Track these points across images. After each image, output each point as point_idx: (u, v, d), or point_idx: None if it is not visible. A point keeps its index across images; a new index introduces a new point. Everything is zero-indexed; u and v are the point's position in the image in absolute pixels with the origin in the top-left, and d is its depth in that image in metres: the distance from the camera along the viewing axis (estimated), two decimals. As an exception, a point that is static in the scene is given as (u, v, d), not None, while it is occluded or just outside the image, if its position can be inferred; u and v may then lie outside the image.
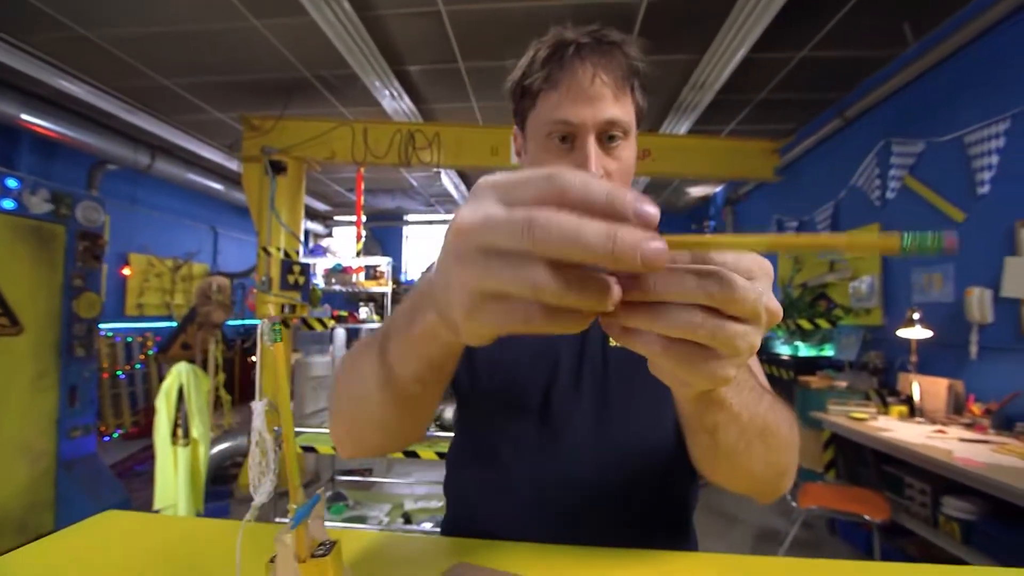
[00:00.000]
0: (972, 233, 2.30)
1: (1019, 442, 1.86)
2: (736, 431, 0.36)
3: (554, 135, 0.54)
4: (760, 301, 0.24)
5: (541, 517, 0.53)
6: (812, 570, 0.46)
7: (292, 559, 0.27)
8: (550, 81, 0.54)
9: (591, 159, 0.52)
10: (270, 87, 3.36)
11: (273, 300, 3.06)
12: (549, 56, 0.54)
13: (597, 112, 0.52)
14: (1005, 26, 2.10)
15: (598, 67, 0.52)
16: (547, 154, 0.55)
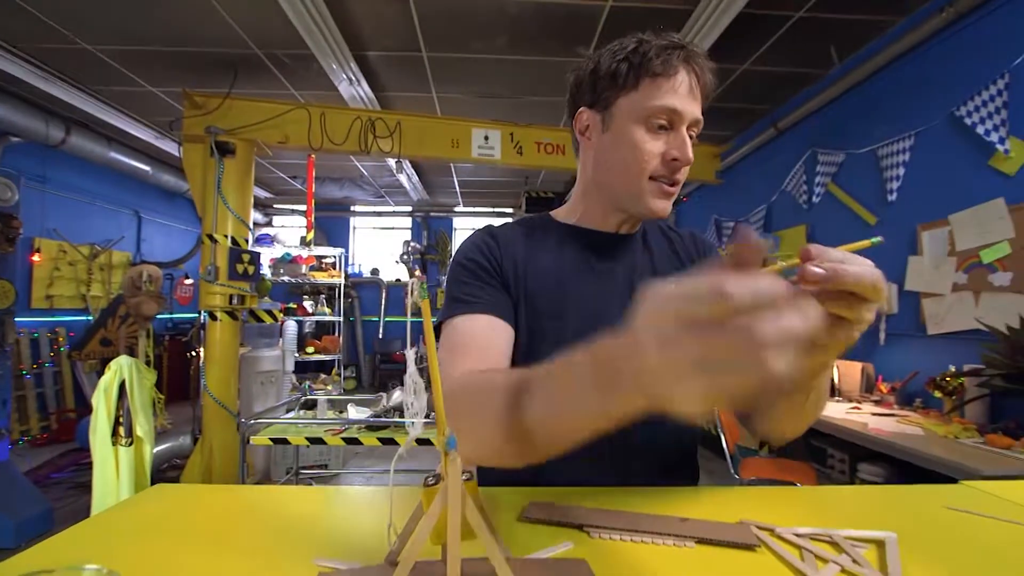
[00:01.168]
0: (882, 235, 2.62)
1: (918, 414, 2.17)
2: (821, 390, 0.51)
3: (655, 119, 0.63)
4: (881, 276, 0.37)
5: (593, 470, 0.60)
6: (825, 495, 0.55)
7: (460, 476, 0.31)
8: (661, 72, 0.62)
9: (688, 145, 0.63)
10: (214, 63, 3.15)
11: (220, 291, 2.88)
12: (662, 49, 0.62)
13: (694, 108, 0.63)
14: (911, 56, 2.42)
15: (701, 73, 0.63)
16: (647, 134, 0.63)
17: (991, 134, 2.01)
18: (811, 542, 0.40)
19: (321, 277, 4.31)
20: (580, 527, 0.42)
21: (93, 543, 0.42)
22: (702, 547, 0.39)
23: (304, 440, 1.61)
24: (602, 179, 0.69)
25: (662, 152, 0.63)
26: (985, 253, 2.05)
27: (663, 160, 0.63)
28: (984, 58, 2.08)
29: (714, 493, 0.55)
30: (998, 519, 0.46)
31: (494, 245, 0.71)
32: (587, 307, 0.67)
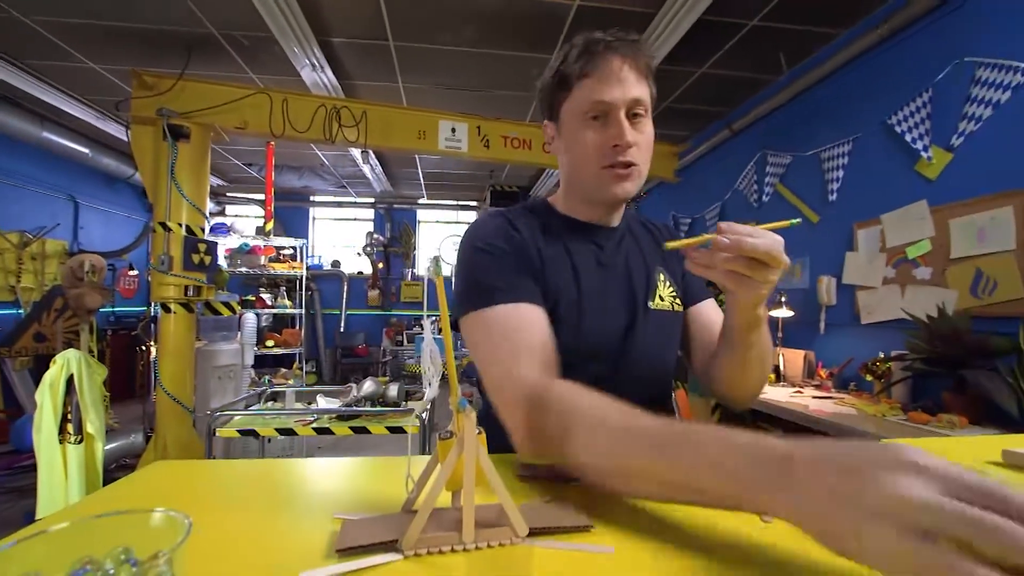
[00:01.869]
0: (824, 232, 2.85)
1: (852, 396, 2.39)
2: (760, 347, 0.62)
3: (590, 114, 0.67)
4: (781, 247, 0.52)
5: None
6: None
7: (475, 429, 0.35)
8: (586, 70, 0.67)
9: (624, 129, 0.66)
10: (165, 41, 2.99)
11: (174, 281, 2.75)
12: (583, 51, 0.68)
13: (626, 92, 0.66)
14: (851, 67, 2.62)
15: (625, 57, 0.66)
16: (586, 131, 0.68)
17: (917, 142, 2.22)
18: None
19: (281, 269, 4.18)
20: (569, 481, 0.48)
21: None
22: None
23: (274, 431, 1.59)
24: (570, 178, 0.75)
25: (603, 142, 0.67)
26: (910, 250, 2.27)
27: (606, 149, 0.67)
28: (912, 72, 2.29)
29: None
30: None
31: (515, 231, 0.71)
32: (598, 301, 0.72)
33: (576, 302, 0.70)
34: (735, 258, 0.50)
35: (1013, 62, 1.87)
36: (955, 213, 2.08)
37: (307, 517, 0.42)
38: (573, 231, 0.76)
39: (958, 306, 2.05)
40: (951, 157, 2.11)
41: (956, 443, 0.68)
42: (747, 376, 0.66)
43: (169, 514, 0.28)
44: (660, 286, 0.78)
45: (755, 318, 0.59)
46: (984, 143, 2.00)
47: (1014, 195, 1.87)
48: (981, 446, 0.63)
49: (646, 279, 0.78)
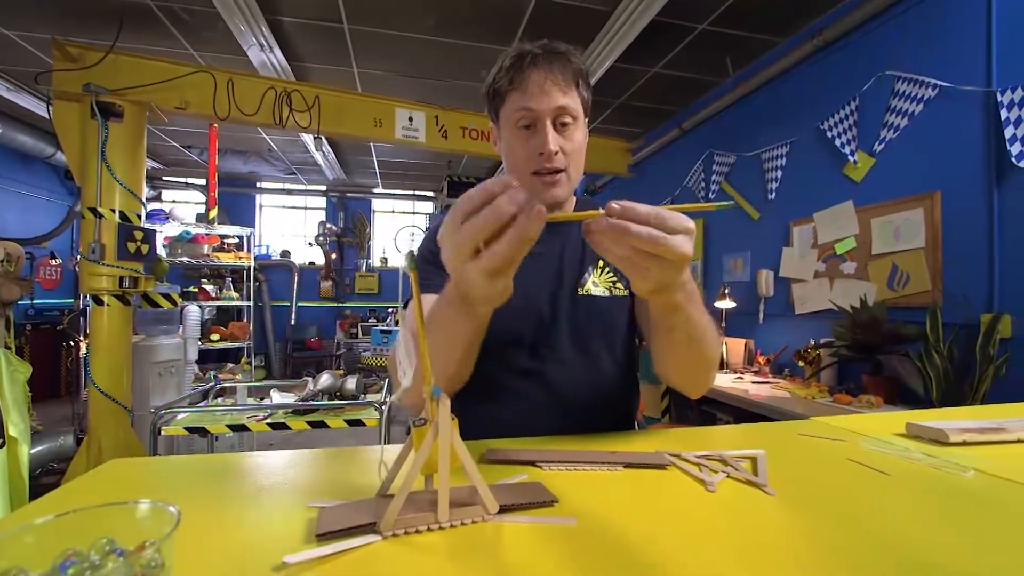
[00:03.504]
0: (764, 228, 3.04)
1: (787, 381, 2.59)
2: (685, 332, 0.56)
3: (520, 123, 0.71)
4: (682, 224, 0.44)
5: (534, 424, 0.69)
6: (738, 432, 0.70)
7: (449, 415, 0.38)
8: (514, 83, 0.71)
9: (548, 138, 0.69)
10: (93, 9, 2.75)
11: (107, 272, 2.57)
12: (512, 65, 0.71)
13: (550, 100, 0.69)
14: (790, 74, 2.80)
15: (549, 70, 0.70)
16: (516, 139, 0.73)
17: (845, 147, 2.42)
18: (707, 460, 0.52)
19: (226, 259, 3.97)
20: (532, 463, 0.51)
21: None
22: (629, 470, 0.50)
23: (225, 428, 1.53)
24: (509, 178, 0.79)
25: (530, 150, 0.71)
26: (838, 246, 2.48)
27: (533, 156, 0.71)
28: (841, 82, 2.48)
29: (637, 435, 0.67)
30: (830, 438, 0.63)
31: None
32: (518, 288, 0.72)
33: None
34: (619, 243, 0.43)
35: (926, 78, 2.07)
36: (876, 213, 2.29)
37: (281, 507, 0.43)
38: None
39: (877, 298, 2.26)
40: (873, 162, 2.32)
41: (870, 419, 0.77)
42: (676, 361, 0.62)
43: (156, 505, 0.28)
44: (596, 271, 0.79)
45: (668, 303, 0.52)
46: (901, 150, 2.20)
47: (924, 198, 2.08)
48: (891, 421, 0.73)
49: (579, 264, 0.79)
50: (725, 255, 3.42)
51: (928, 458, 0.54)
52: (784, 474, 0.50)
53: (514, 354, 0.73)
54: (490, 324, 0.69)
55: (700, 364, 0.62)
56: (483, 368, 0.72)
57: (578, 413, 0.72)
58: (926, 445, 0.59)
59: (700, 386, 0.67)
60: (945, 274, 2.01)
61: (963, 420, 0.65)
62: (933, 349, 1.90)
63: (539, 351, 0.73)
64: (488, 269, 0.41)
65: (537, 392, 0.72)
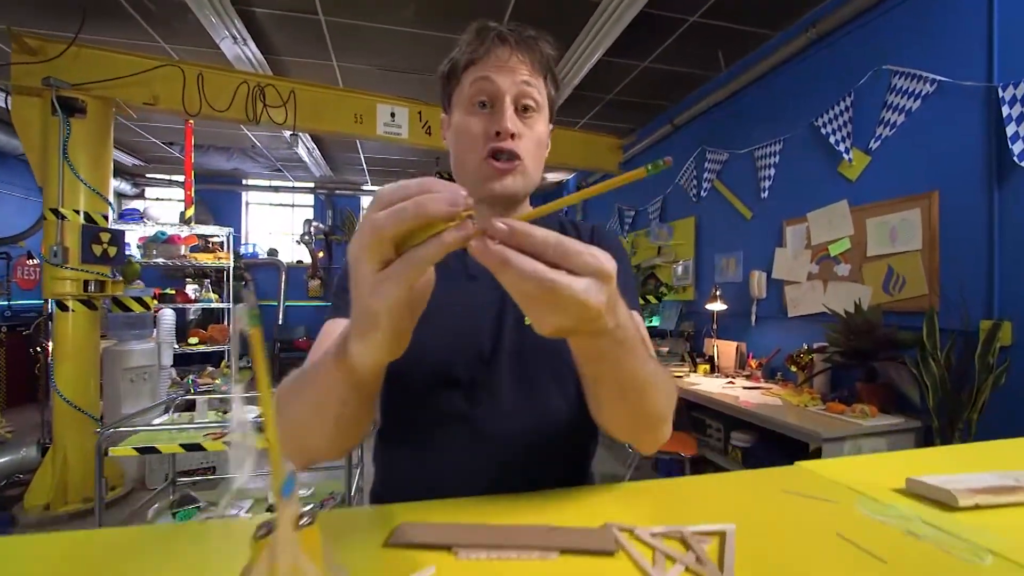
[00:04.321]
0: (757, 228, 2.95)
1: (779, 386, 2.50)
2: (615, 383, 0.44)
3: (475, 99, 0.61)
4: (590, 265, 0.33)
5: (468, 479, 0.58)
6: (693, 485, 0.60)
7: (291, 527, 0.28)
8: (474, 57, 0.61)
9: (506, 116, 0.59)
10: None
11: (71, 276, 2.46)
12: (474, 38, 0.61)
13: (515, 79, 0.60)
14: (783, 68, 2.71)
15: (516, 48, 0.60)
16: (471, 118, 0.61)
17: (839, 144, 2.33)
18: (664, 541, 0.43)
19: (206, 259, 3.85)
20: (447, 548, 0.42)
21: None
22: (566, 557, 0.41)
23: (178, 448, 1.43)
24: (456, 173, 0.67)
25: (485, 128, 0.60)
26: (832, 247, 2.39)
27: (489, 136, 0.60)
28: (836, 77, 2.38)
29: (589, 494, 0.57)
30: (818, 498, 0.53)
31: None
32: (451, 319, 0.61)
33: (429, 324, 0.60)
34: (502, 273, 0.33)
35: (924, 72, 1.97)
36: (871, 213, 2.20)
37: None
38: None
39: (872, 301, 2.17)
40: (869, 160, 2.22)
41: (866, 464, 0.68)
42: (608, 414, 0.49)
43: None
44: None
45: (588, 349, 0.41)
46: (897, 148, 2.11)
47: (921, 198, 1.99)
48: (889, 467, 0.63)
49: None
50: (717, 255, 3.33)
51: (935, 532, 0.45)
52: (756, 558, 0.41)
53: (444, 396, 0.61)
54: (416, 358, 0.58)
55: (639, 422, 0.49)
56: (407, 413, 0.63)
57: (520, 467, 0.60)
58: (931, 510, 0.50)
59: (645, 444, 0.53)
60: (943, 278, 1.93)
61: (972, 473, 0.56)
62: (930, 356, 1.82)
63: (474, 392, 0.61)
64: (401, 279, 0.33)
65: (469, 442, 0.60)
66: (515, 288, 0.34)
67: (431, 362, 0.61)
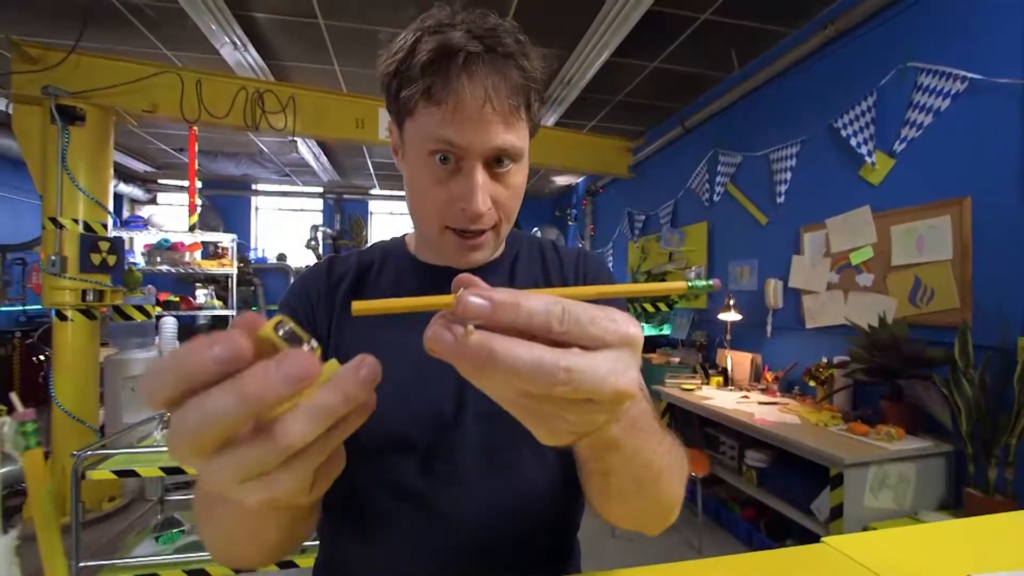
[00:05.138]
0: (772, 234, 2.82)
1: (796, 401, 2.37)
2: (630, 474, 0.35)
3: (435, 154, 0.47)
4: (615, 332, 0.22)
5: (422, 567, 0.49)
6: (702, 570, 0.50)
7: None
8: (433, 96, 0.45)
9: (475, 191, 0.47)
10: (55, 7, 2.61)
11: (69, 285, 2.43)
12: (431, 62, 0.45)
13: (486, 138, 0.46)
14: (800, 67, 2.57)
15: (489, 88, 0.45)
16: (428, 174, 0.49)
17: (861, 147, 2.19)
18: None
19: (210, 266, 3.84)
20: None
21: None
22: None
23: (158, 471, 1.37)
24: (412, 217, 0.55)
25: (447, 198, 0.48)
26: (854, 256, 2.25)
27: (452, 208, 0.49)
28: (857, 75, 2.25)
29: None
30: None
31: (321, 284, 0.58)
32: (404, 367, 0.49)
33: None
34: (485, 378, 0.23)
35: (954, 70, 1.84)
36: (896, 220, 2.06)
37: None
38: (408, 272, 0.59)
39: (897, 314, 2.04)
40: (894, 163, 2.09)
41: (909, 538, 0.57)
42: (619, 509, 0.42)
43: None
44: None
45: (597, 442, 0.31)
46: (925, 150, 1.97)
47: (951, 204, 1.86)
48: (940, 554, 0.52)
49: None
50: (731, 262, 3.20)
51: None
52: None
53: (395, 467, 0.51)
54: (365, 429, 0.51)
55: (651, 513, 0.42)
56: (350, 483, 0.52)
57: (483, 555, 0.50)
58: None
59: (653, 530, 0.46)
60: (976, 290, 1.79)
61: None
62: (962, 375, 1.68)
63: (431, 464, 0.51)
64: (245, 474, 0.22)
65: (423, 525, 0.50)
66: (508, 392, 0.23)
67: (383, 426, 0.48)
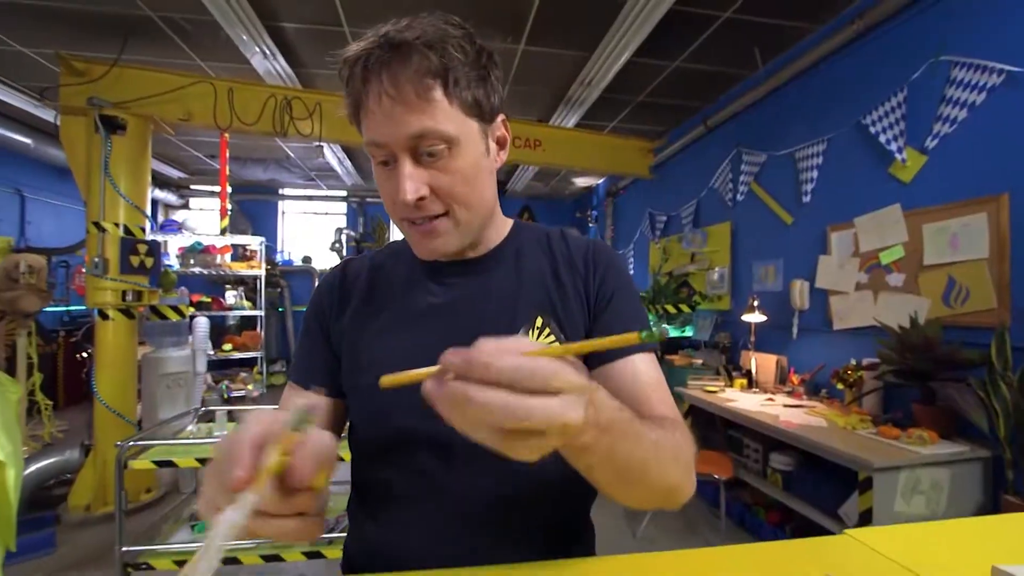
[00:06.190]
0: (798, 234, 2.77)
1: (823, 404, 2.32)
2: (611, 470, 0.39)
3: (377, 158, 0.52)
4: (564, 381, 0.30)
5: (443, 536, 0.52)
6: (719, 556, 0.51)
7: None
8: (353, 106, 0.51)
9: (401, 182, 0.49)
10: (99, 23, 2.75)
11: (111, 286, 2.56)
12: (347, 78, 0.50)
13: (398, 129, 0.48)
14: (826, 63, 2.53)
15: (385, 81, 0.47)
16: (378, 175, 0.54)
17: (891, 143, 2.14)
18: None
19: (240, 268, 3.97)
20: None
21: None
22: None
23: (194, 461, 1.44)
24: None
25: (391, 193, 0.52)
26: (883, 255, 2.20)
27: (396, 201, 0.51)
28: (887, 70, 2.19)
29: (579, 569, 0.49)
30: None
31: (335, 288, 0.64)
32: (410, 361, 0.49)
33: (376, 358, 0.56)
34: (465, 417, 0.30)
35: (989, 62, 1.78)
36: (929, 218, 2.01)
37: None
38: (414, 268, 0.62)
39: (930, 315, 1.98)
40: (925, 160, 2.03)
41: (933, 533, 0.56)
42: (615, 496, 0.44)
43: None
44: (532, 334, 0.57)
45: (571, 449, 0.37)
46: (958, 146, 1.91)
47: (987, 201, 1.80)
48: (965, 547, 0.52)
49: (509, 322, 0.57)
50: (755, 262, 3.15)
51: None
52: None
53: (409, 452, 0.54)
54: (368, 407, 0.57)
55: (649, 497, 0.45)
56: (380, 472, 0.56)
57: (496, 533, 0.53)
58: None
59: (666, 504, 0.47)
60: (1014, 289, 1.72)
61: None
62: (1000, 378, 1.63)
63: (445, 450, 0.53)
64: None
65: (436, 506, 0.53)
66: (481, 427, 0.30)
67: (390, 417, 0.55)
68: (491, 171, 0.56)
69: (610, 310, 0.59)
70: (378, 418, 0.56)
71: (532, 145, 3.49)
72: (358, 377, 0.57)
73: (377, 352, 0.57)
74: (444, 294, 0.59)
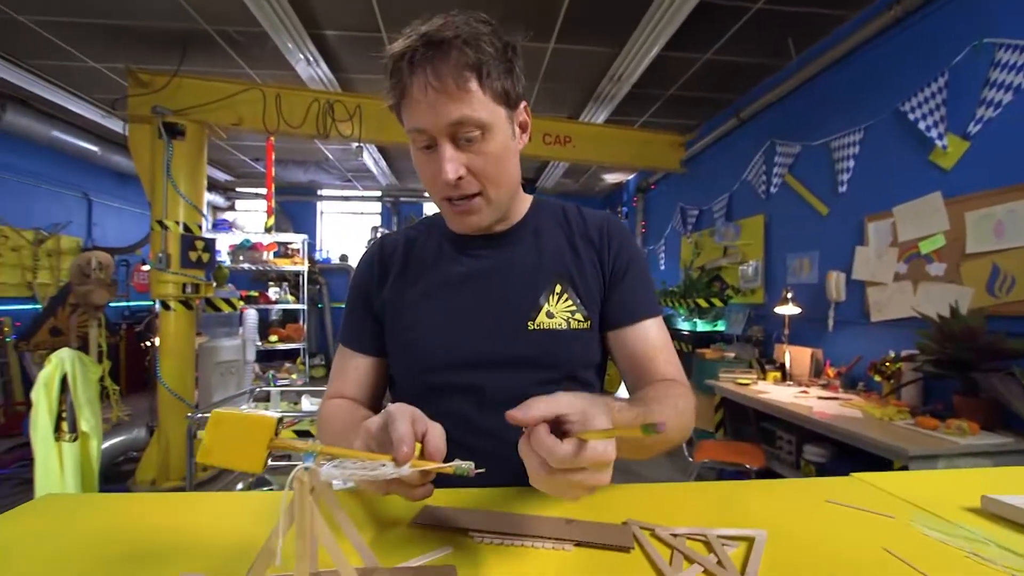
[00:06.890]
0: (833, 225, 2.72)
1: (860, 397, 2.29)
2: (635, 455, 0.50)
3: (418, 144, 0.59)
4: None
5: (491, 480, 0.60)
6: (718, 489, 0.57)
7: (309, 495, 0.31)
8: (398, 96, 0.58)
9: (444, 164, 0.56)
10: (161, 38, 2.98)
11: (172, 279, 2.77)
12: (391, 72, 0.58)
13: (440, 117, 0.55)
14: (862, 51, 2.48)
15: (429, 74, 0.54)
16: (419, 159, 0.61)
17: (931, 130, 2.09)
18: (685, 542, 0.42)
19: (283, 264, 4.19)
20: (466, 531, 0.43)
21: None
22: (580, 550, 0.41)
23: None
24: None
25: (432, 175, 0.59)
26: (923, 244, 2.15)
27: (437, 182, 0.59)
28: (927, 56, 2.15)
29: (611, 492, 0.56)
30: (868, 511, 0.49)
31: (375, 262, 0.73)
32: (447, 326, 0.65)
33: (416, 321, 0.66)
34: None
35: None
36: (971, 205, 1.96)
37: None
38: (445, 241, 0.71)
39: (973, 304, 1.93)
40: (968, 146, 1.98)
41: (935, 479, 0.61)
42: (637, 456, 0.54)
43: None
44: (552, 299, 0.65)
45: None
46: (1003, 130, 1.86)
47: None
48: (962, 487, 0.56)
49: (532, 290, 0.65)
50: (789, 255, 3.11)
51: (1006, 555, 0.40)
52: (785, 567, 0.38)
53: (446, 398, 0.63)
54: (414, 364, 0.67)
55: (658, 451, 0.56)
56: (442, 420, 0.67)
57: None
58: (1007, 532, 0.44)
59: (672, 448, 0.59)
60: (1063, 277, 1.67)
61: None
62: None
63: (477, 393, 0.63)
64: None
65: (472, 443, 0.60)
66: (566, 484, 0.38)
67: (429, 372, 0.65)
68: (516, 152, 0.64)
69: (626, 282, 0.67)
70: (419, 370, 0.65)
71: (562, 142, 3.54)
72: (402, 335, 0.67)
73: (420, 313, 0.67)
74: (473, 264, 0.68)
